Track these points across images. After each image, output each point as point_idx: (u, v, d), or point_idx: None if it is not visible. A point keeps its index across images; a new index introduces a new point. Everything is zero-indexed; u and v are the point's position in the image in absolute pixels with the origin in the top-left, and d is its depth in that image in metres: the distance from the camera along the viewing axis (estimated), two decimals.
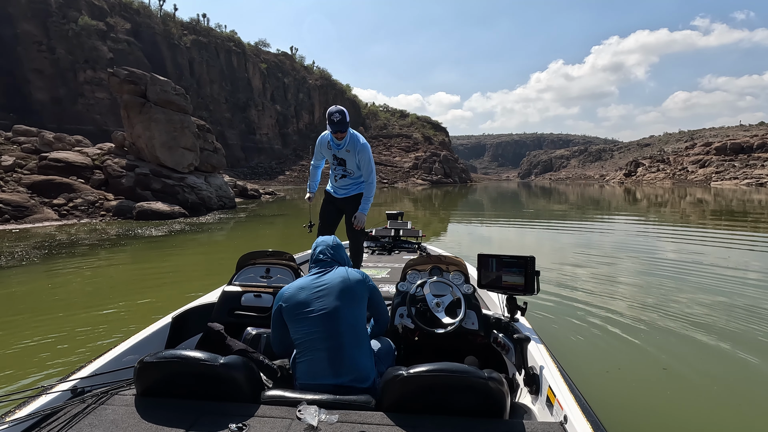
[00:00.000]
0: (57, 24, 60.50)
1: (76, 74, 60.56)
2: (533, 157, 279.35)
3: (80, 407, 1.54)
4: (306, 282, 1.95)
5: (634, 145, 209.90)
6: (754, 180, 58.87)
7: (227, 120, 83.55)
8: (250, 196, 30.29)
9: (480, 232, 13.90)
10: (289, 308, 1.89)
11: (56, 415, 1.50)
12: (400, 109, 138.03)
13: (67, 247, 9.80)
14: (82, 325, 4.56)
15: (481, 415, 1.52)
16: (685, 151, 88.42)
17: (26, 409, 1.51)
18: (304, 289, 1.91)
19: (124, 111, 19.10)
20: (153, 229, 13.10)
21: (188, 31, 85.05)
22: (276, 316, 1.98)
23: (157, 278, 6.92)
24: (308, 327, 1.83)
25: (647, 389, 3.22)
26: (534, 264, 2.36)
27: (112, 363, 1.95)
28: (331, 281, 1.92)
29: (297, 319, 1.86)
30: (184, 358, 1.60)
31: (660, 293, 5.75)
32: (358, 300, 1.93)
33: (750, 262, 7.99)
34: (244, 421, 1.44)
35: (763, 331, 4.32)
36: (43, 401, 1.57)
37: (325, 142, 3.61)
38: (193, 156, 20.21)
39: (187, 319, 2.64)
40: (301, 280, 1.98)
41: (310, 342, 1.81)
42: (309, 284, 1.93)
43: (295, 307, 1.87)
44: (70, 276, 7.08)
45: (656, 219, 17.38)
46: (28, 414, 1.48)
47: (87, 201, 15.94)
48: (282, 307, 1.93)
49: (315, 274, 1.99)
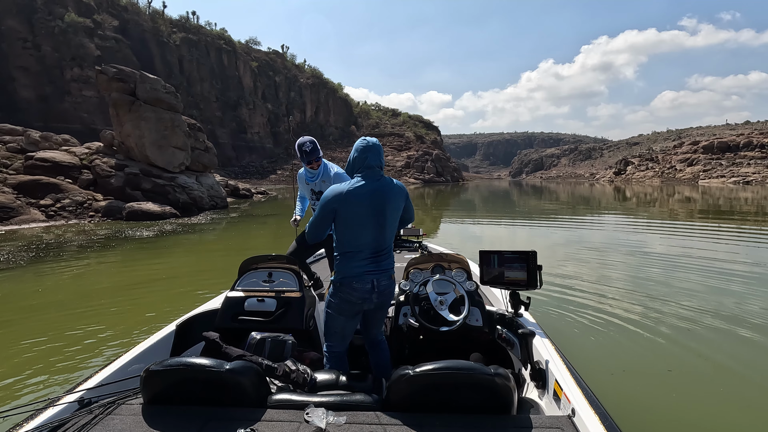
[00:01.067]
0: (42, 21, 59.35)
1: (63, 72, 59.49)
2: (524, 156, 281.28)
3: (88, 418, 1.53)
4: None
5: (624, 144, 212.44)
6: (741, 178, 59.92)
7: (218, 119, 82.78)
8: (242, 195, 30.06)
9: (473, 230, 13.92)
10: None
11: (64, 426, 1.49)
12: (392, 107, 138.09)
13: (55, 249, 9.59)
14: (71, 329, 4.45)
15: (489, 412, 1.52)
16: (674, 150, 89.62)
17: (34, 422, 1.51)
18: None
19: (112, 109, 18.79)
20: (143, 229, 12.90)
21: (177, 29, 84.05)
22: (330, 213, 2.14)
23: (147, 281, 6.79)
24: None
25: (653, 388, 3.20)
26: (536, 258, 2.37)
27: (117, 373, 1.94)
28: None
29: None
30: (189, 365, 1.60)
31: (658, 289, 5.76)
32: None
33: (759, 260, 7.91)
34: (251, 426, 1.44)
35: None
36: (51, 413, 1.57)
37: (303, 178, 3.46)
38: (184, 155, 19.96)
39: (191, 326, 2.63)
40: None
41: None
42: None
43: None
44: (58, 278, 6.92)
45: (649, 216, 17.56)
46: (35, 427, 1.48)
47: (75, 201, 15.65)
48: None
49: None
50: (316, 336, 2.78)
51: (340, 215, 2.09)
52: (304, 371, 2.04)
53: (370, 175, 2.12)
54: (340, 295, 2.15)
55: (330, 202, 2.08)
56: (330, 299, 2.21)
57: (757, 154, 70.25)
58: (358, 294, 2.12)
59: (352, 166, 2.18)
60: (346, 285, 2.12)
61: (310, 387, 2.00)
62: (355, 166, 2.16)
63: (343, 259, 2.13)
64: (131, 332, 4.34)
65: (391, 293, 2.24)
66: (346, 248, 2.12)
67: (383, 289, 2.16)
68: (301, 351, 2.46)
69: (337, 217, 2.12)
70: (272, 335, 2.35)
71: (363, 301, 2.14)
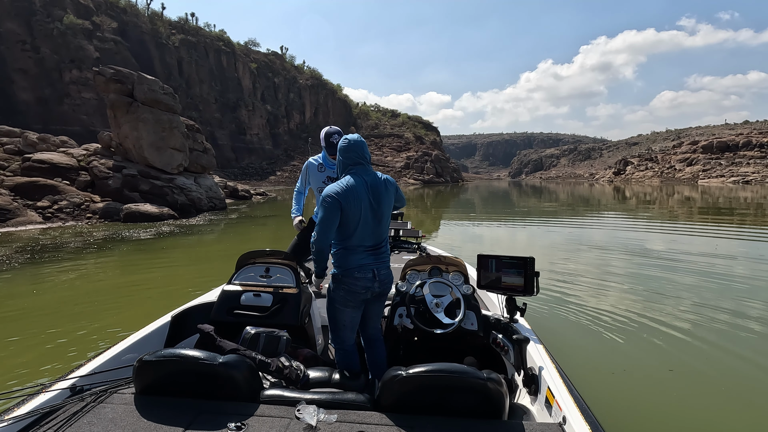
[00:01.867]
0: (41, 23, 59.29)
1: (62, 74, 59.42)
2: (524, 157, 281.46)
3: (79, 405, 1.54)
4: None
5: (623, 144, 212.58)
6: (740, 177, 59.91)
7: (217, 120, 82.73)
8: (241, 197, 29.99)
9: (474, 231, 13.84)
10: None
11: (55, 413, 1.50)
12: (391, 108, 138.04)
13: (52, 251, 9.52)
14: (66, 332, 4.37)
15: (480, 416, 1.52)
16: (673, 150, 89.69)
17: (25, 407, 1.51)
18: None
19: (110, 111, 18.71)
20: (141, 231, 12.82)
21: (176, 31, 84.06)
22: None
23: (144, 282, 6.72)
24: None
25: (653, 390, 3.14)
26: (534, 265, 2.35)
27: (111, 362, 1.95)
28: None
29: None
30: (183, 356, 1.60)
31: (659, 291, 5.71)
32: None
33: (760, 261, 7.84)
34: (243, 420, 1.44)
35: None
36: (43, 399, 1.57)
37: (316, 166, 3.40)
38: (183, 156, 19.88)
39: (187, 318, 2.64)
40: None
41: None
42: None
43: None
44: (55, 281, 6.84)
45: (650, 216, 17.50)
46: (27, 412, 1.48)
47: (72, 203, 15.56)
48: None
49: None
50: (310, 333, 2.78)
51: (344, 212, 2.13)
52: (297, 368, 2.05)
53: (361, 171, 2.21)
54: (344, 287, 2.19)
55: (334, 202, 2.11)
56: (333, 294, 2.24)
57: (757, 154, 70.30)
58: (361, 283, 2.18)
59: (342, 168, 2.24)
60: (349, 276, 2.17)
61: (302, 384, 2.00)
62: (346, 165, 2.22)
63: (344, 252, 2.19)
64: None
65: (391, 281, 2.33)
66: (347, 243, 2.18)
67: (383, 278, 2.25)
68: (295, 347, 2.46)
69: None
70: (267, 330, 2.34)
71: (366, 290, 2.21)
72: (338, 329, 2.29)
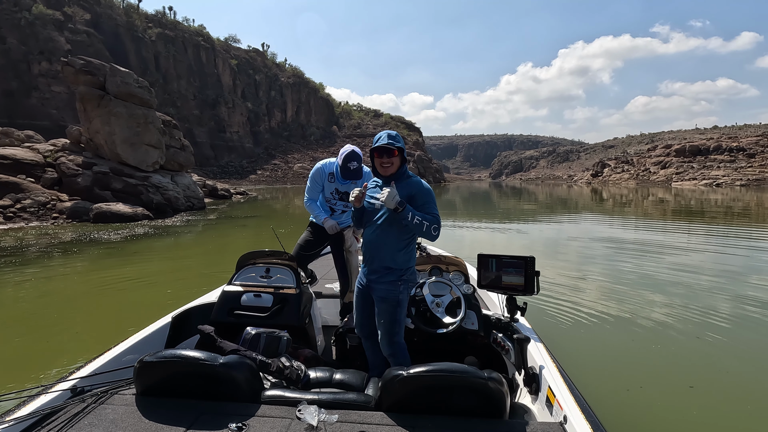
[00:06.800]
0: (8, 12, 56.56)
1: (30, 66, 56.87)
2: (504, 158, 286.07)
3: (80, 407, 1.54)
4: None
5: (599, 147, 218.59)
6: (712, 180, 62.18)
7: (196, 117, 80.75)
8: (221, 196, 29.16)
9: (462, 233, 13.62)
10: None
11: (56, 414, 1.50)
12: (374, 108, 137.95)
13: (12, 254, 8.77)
14: (22, 347, 3.83)
15: (481, 416, 1.52)
16: (647, 153, 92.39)
17: (26, 409, 1.51)
18: None
19: (80, 104, 17.71)
20: (112, 233, 12.07)
21: (153, 24, 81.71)
22: None
23: (115, 290, 6.14)
24: None
25: (653, 389, 3.02)
26: (534, 264, 2.36)
27: (111, 362, 1.94)
28: None
29: None
30: (183, 357, 1.60)
31: (659, 290, 5.55)
32: None
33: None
34: (243, 421, 1.44)
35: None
36: (43, 401, 1.57)
37: (326, 175, 3.11)
38: (158, 153, 19.01)
39: (187, 318, 2.64)
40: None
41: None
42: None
43: None
44: (14, 288, 6.19)
45: (652, 216, 17.68)
46: (28, 413, 1.48)
47: (37, 202, 14.61)
48: None
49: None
50: (311, 333, 2.79)
51: None
52: (298, 368, 2.05)
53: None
54: (410, 285, 2.26)
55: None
56: (406, 293, 2.23)
57: (726, 158, 73.13)
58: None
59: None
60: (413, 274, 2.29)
61: (303, 384, 2.01)
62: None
63: (413, 253, 2.28)
64: (87, 348, 3.75)
65: None
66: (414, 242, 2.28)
67: None
68: (295, 348, 2.48)
69: None
70: (267, 331, 2.34)
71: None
72: (401, 326, 2.26)
